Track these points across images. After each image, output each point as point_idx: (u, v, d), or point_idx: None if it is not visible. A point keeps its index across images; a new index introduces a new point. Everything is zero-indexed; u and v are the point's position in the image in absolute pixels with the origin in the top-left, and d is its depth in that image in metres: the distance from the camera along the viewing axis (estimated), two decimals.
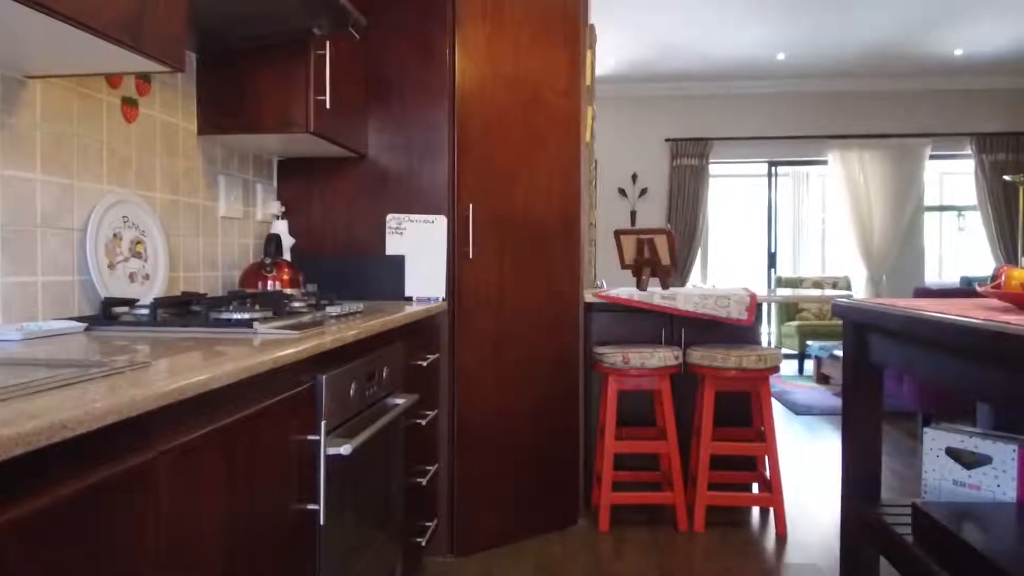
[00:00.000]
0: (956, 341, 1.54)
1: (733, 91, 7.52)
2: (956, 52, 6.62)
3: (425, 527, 2.42)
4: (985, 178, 7.29)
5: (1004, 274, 1.77)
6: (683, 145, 7.49)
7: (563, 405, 2.97)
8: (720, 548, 2.81)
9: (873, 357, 2.11)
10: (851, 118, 7.45)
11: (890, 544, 1.95)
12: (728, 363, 2.94)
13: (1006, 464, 1.92)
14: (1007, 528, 1.72)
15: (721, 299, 3.12)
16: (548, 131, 2.91)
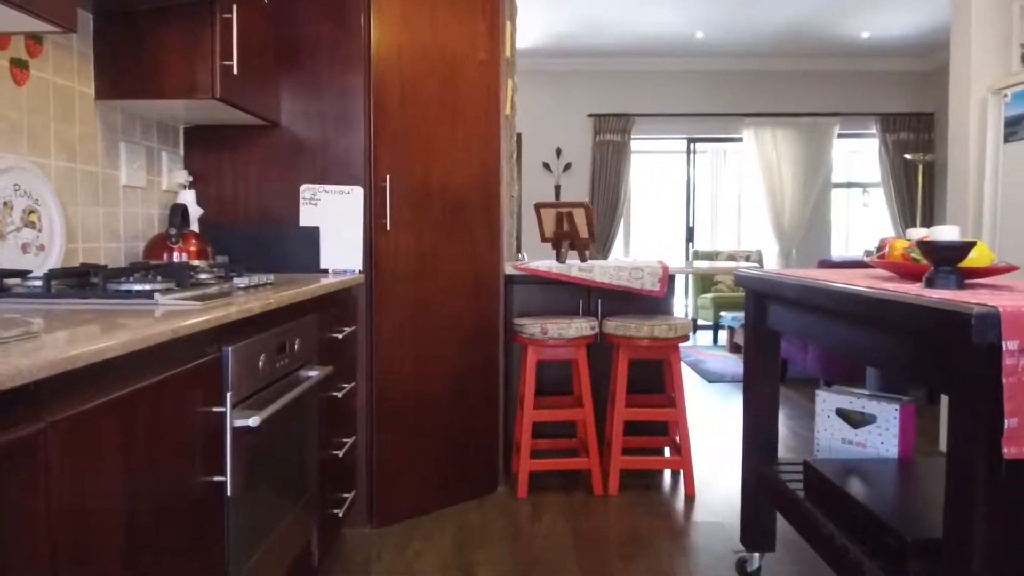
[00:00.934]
0: (841, 308, 1.65)
1: (654, 68, 7.65)
2: (863, 35, 6.91)
3: (343, 499, 2.42)
4: (888, 156, 7.68)
5: (888, 246, 1.90)
6: (605, 121, 7.58)
7: (483, 375, 3.01)
8: (632, 509, 2.92)
9: (771, 324, 2.22)
10: (765, 97, 7.70)
11: (784, 500, 2.08)
12: (641, 332, 3.04)
13: (889, 423, 2.07)
14: (887, 481, 1.86)
15: (635, 271, 3.21)
16: (467, 102, 2.91)
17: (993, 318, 1.16)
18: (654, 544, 2.60)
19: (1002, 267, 1.56)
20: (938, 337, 1.31)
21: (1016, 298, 1.30)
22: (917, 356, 1.41)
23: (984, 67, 3.50)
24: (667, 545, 2.59)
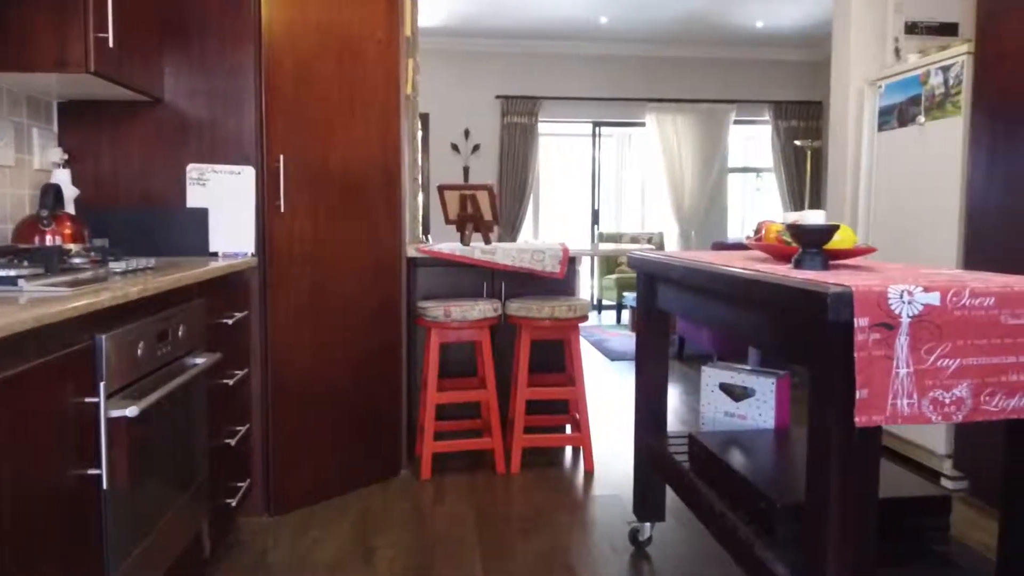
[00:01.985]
0: (719, 288, 1.73)
1: (560, 51, 7.72)
2: (758, 24, 7.20)
3: (236, 488, 2.37)
4: (780, 142, 8.07)
5: (764, 229, 2.00)
6: (514, 103, 7.61)
7: (385, 359, 2.99)
8: (534, 486, 2.99)
9: (661, 305, 2.31)
10: (667, 83, 7.92)
11: (672, 472, 2.18)
12: (542, 314, 3.09)
13: (766, 396, 2.20)
14: (762, 451, 1.98)
15: (537, 253, 3.25)
16: (366, 82, 2.85)
17: (847, 297, 1.25)
18: (553, 519, 2.67)
19: (863, 249, 1.68)
20: (800, 315, 1.40)
21: (871, 278, 1.40)
22: (783, 333, 1.51)
23: (862, 59, 3.72)
24: (566, 520, 2.67)
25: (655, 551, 2.43)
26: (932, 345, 1.28)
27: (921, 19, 3.73)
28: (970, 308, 1.28)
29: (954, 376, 1.29)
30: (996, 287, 1.30)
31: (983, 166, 2.76)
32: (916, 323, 1.27)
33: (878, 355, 1.26)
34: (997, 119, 2.70)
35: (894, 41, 3.71)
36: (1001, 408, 1.31)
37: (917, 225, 3.20)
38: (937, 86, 3.09)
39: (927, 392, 1.28)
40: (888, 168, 3.42)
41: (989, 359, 1.29)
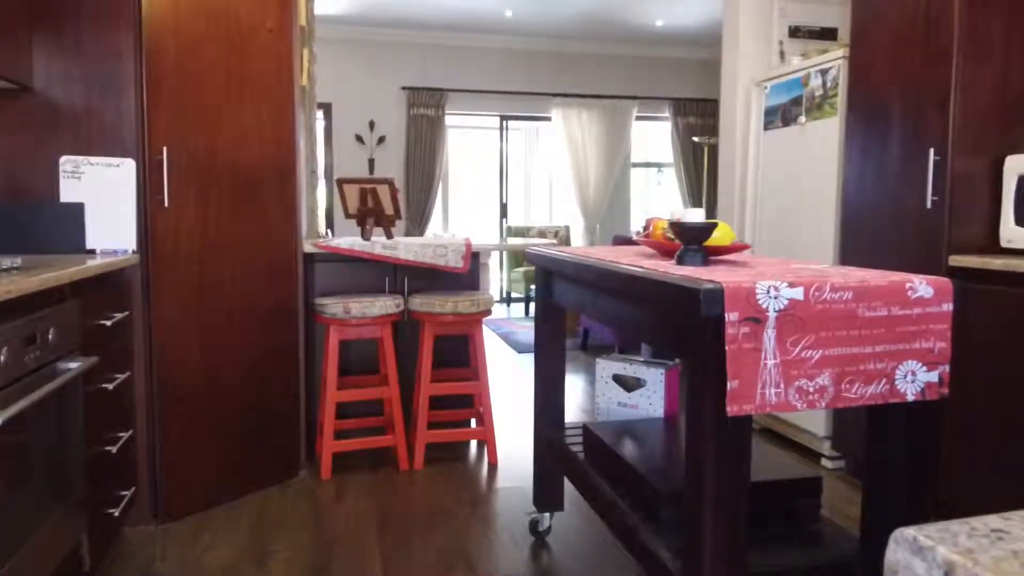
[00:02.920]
0: (606, 283, 1.78)
1: (466, 44, 7.71)
2: (657, 23, 7.40)
3: (120, 496, 2.26)
4: (679, 139, 8.34)
5: (652, 225, 2.07)
6: (420, 94, 7.54)
7: (281, 358, 2.91)
8: (437, 482, 2.99)
9: (557, 299, 2.35)
10: (572, 78, 8.04)
11: (568, 463, 2.23)
12: (445, 309, 3.09)
13: (657, 386, 2.28)
14: (651, 439, 2.05)
15: (439, 248, 3.25)
16: (257, 72, 2.76)
17: (718, 293, 1.32)
18: (456, 514, 2.68)
19: (739, 245, 1.77)
20: (677, 310, 1.46)
21: (743, 274, 1.47)
22: (664, 326, 1.57)
23: (749, 61, 3.89)
24: (468, 513, 2.69)
25: (554, 540, 2.48)
26: (797, 337, 1.36)
27: (804, 23, 3.93)
28: (830, 302, 1.37)
29: (817, 366, 1.37)
30: (854, 282, 1.39)
31: (856, 164, 2.95)
32: (782, 317, 1.35)
33: (747, 347, 1.33)
34: (867, 120, 2.89)
35: (779, 44, 3.90)
36: (859, 395, 1.40)
37: (801, 220, 3.39)
38: (817, 88, 3.28)
39: (793, 381, 1.36)
40: (774, 165, 3.60)
41: (848, 349, 1.39)
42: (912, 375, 1.41)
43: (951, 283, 1.41)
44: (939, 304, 1.41)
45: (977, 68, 2.49)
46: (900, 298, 1.39)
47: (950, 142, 2.50)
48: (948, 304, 1.41)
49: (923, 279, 1.42)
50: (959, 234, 2.52)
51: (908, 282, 1.40)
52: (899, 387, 1.41)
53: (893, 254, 2.74)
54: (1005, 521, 0.38)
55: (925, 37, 2.60)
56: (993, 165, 2.53)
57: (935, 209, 2.55)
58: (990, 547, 0.35)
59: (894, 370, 1.40)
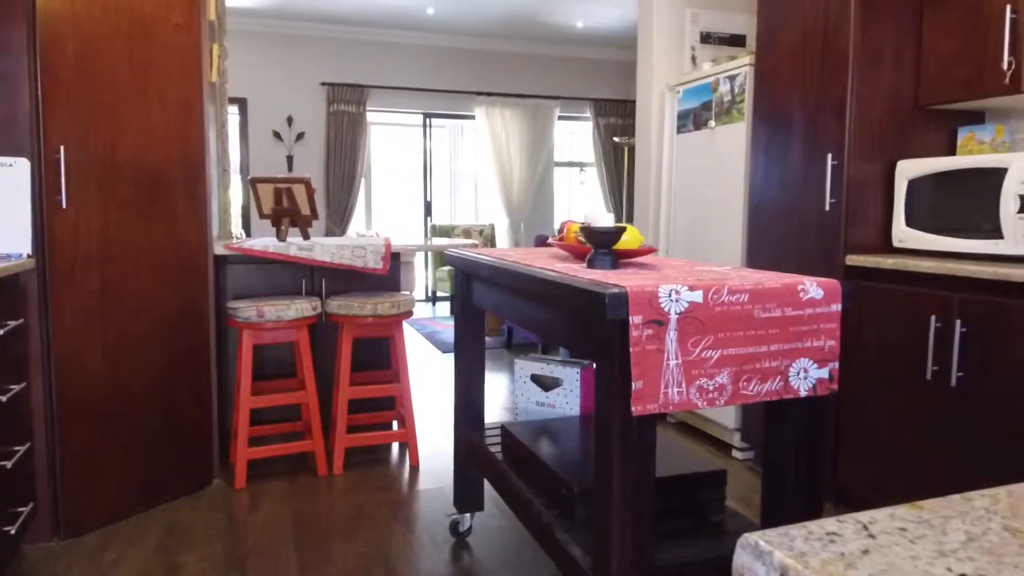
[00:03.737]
0: (520, 286, 1.81)
1: (388, 40, 7.62)
2: (578, 24, 7.51)
3: (17, 513, 2.14)
4: (600, 139, 8.48)
5: (566, 228, 2.11)
6: (340, 90, 7.41)
7: (192, 364, 2.82)
8: (357, 486, 2.96)
9: (475, 300, 2.37)
10: (495, 77, 8.06)
11: (487, 463, 2.25)
12: (364, 311, 3.06)
13: (573, 385, 2.33)
14: (566, 438, 2.09)
15: (358, 249, 3.21)
16: (163, 68, 2.66)
17: (623, 297, 1.36)
18: (376, 518, 2.66)
19: (646, 249, 1.82)
20: (585, 313, 1.50)
21: (648, 278, 1.52)
22: (574, 328, 1.60)
23: (664, 65, 4.00)
24: (389, 517, 2.67)
25: (475, 540, 2.49)
26: (697, 338, 1.41)
27: (715, 30, 4.07)
28: (728, 304, 1.43)
29: (716, 365, 1.43)
30: (750, 284, 1.46)
31: (761, 168, 3.08)
32: (683, 319, 1.40)
33: (651, 349, 1.38)
34: (771, 125, 3.02)
35: (691, 50, 4.03)
36: (756, 392, 1.47)
37: (713, 221, 3.51)
38: (725, 93, 3.40)
39: (694, 381, 1.42)
40: (687, 168, 3.72)
41: (745, 349, 1.45)
42: (805, 372, 1.49)
43: (839, 284, 1.50)
44: (829, 304, 1.49)
45: (871, 77, 2.64)
46: (793, 299, 1.47)
47: (846, 147, 2.64)
48: (837, 304, 1.50)
49: (814, 281, 1.50)
50: (855, 234, 2.67)
51: (800, 284, 1.48)
52: (793, 384, 1.48)
53: (796, 254, 2.88)
54: (839, 524, 0.41)
55: (823, 47, 2.73)
56: (886, 169, 2.69)
57: (833, 211, 2.69)
58: (822, 550, 0.38)
59: (788, 368, 1.48)
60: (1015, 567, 0.36)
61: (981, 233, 2.32)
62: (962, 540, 0.39)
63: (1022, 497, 0.45)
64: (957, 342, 2.21)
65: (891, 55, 2.66)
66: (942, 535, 0.40)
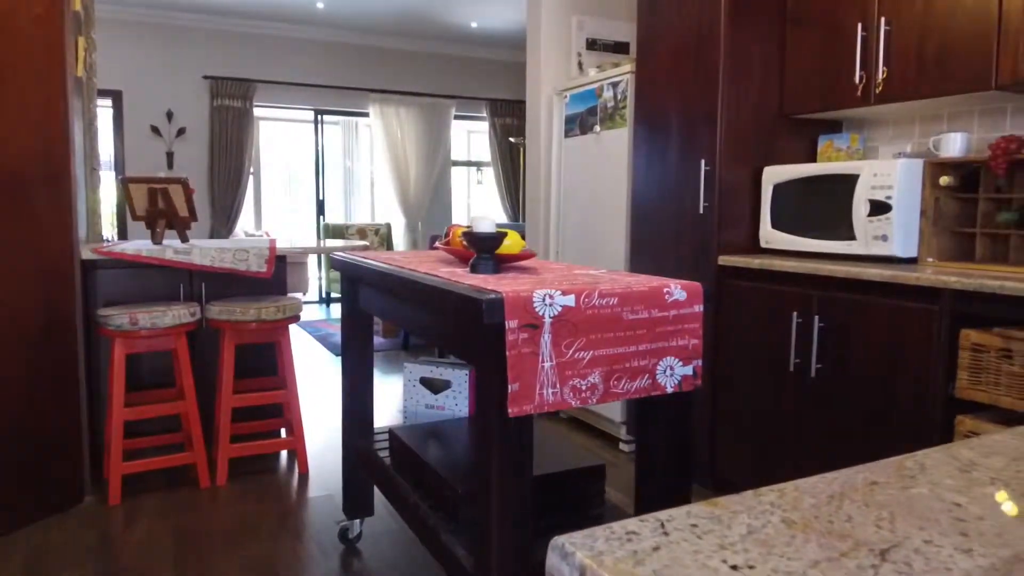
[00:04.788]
0: (404, 291, 1.81)
1: (276, 33, 7.39)
2: (472, 24, 7.54)
3: None
4: (496, 139, 8.56)
5: (451, 232, 2.13)
6: (224, 85, 7.12)
7: (58, 377, 2.65)
8: (243, 497, 2.87)
9: (362, 305, 2.35)
10: (390, 74, 7.98)
11: (375, 468, 2.24)
12: (248, 316, 2.96)
13: (461, 386, 2.35)
14: (454, 441, 2.11)
15: (240, 252, 3.11)
16: (19, 62, 2.48)
17: (499, 302, 1.39)
18: (263, 528, 2.59)
19: (527, 253, 1.87)
20: (464, 317, 1.52)
21: (526, 283, 1.56)
22: (454, 332, 1.62)
23: (552, 69, 4.09)
24: (276, 527, 2.61)
25: (365, 546, 2.48)
26: (570, 340, 1.47)
27: (600, 37, 4.20)
28: (599, 307, 1.49)
29: (588, 366, 1.49)
30: (620, 288, 1.53)
31: (641, 172, 3.21)
32: (556, 322, 1.45)
33: (527, 352, 1.42)
34: (651, 132, 3.15)
35: (578, 55, 4.14)
36: (626, 390, 1.54)
37: (599, 223, 3.62)
38: (609, 99, 3.51)
39: (567, 381, 1.47)
40: (575, 172, 3.82)
41: (615, 349, 1.52)
42: (671, 370, 1.57)
43: (701, 287, 1.59)
44: (692, 306, 1.58)
45: (739, 88, 2.80)
46: (659, 301, 1.55)
47: (718, 154, 2.79)
48: (699, 305, 1.59)
49: (678, 284, 1.58)
50: (727, 236, 2.83)
51: (665, 287, 1.56)
52: (660, 381, 1.56)
53: (675, 255, 3.02)
54: (640, 523, 0.45)
55: (696, 59, 2.88)
56: (754, 175, 2.86)
57: (707, 214, 2.84)
58: (618, 549, 0.42)
59: (655, 366, 1.56)
60: (780, 556, 0.41)
61: (837, 234, 2.52)
62: (743, 533, 0.43)
63: (807, 491, 0.50)
64: (816, 336, 2.39)
65: (758, 68, 2.84)
66: (727, 529, 0.44)
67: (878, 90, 2.50)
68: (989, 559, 0.40)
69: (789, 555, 0.40)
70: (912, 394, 2.12)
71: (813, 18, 2.74)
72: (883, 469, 0.53)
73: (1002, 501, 0.47)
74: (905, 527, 0.43)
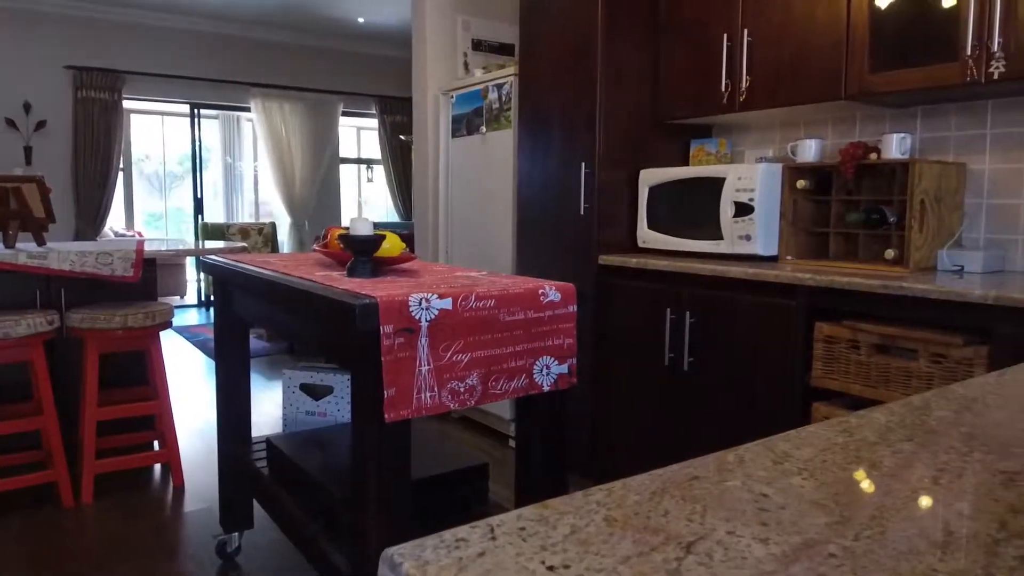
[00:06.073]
0: (276, 295, 1.76)
1: (148, 23, 6.98)
2: (359, 20, 7.40)
3: None
4: (387, 136, 8.45)
5: (329, 233, 2.09)
6: (90, 75, 6.66)
7: None
8: (112, 515, 2.70)
9: (236, 310, 2.26)
10: (273, 68, 7.71)
11: (253, 479, 2.16)
12: (113, 324, 2.79)
13: (343, 391, 2.31)
14: (335, 447, 2.07)
15: (103, 256, 2.92)
16: None
17: (373, 308, 1.38)
18: (134, 547, 2.45)
19: (406, 256, 1.86)
20: (339, 323, 1.50)
21: (403, 287, 1.56)
22: (330, 338, 1.60)
23: (439, 68, 4.08)
24: (149, 544, 2.47)
25: (245, 560, 2.39)
26: (448, 343, 1.47)
27: (485, 38, 4.22)
28: (476, 310, 1.51)
29: (467, 368, 1.51)
30: (497, 290, 1.55)
31: (526, 174, 3.26)
32: (433, 326, 1.45)
33: (403, 357, 1.42)
34: (534, 134, 3.20)
35: (464, 56, 4.15)
36: (504, 391, 1.57)
37: (488, 224, 3.65)
38: (494, 101, 3.55)
39: (446, 384, 1.48)
40: (463, 172, 3.83)
41: (493, 351, 1.54)
42: (547, 369, 1.61)
43: (574, 287, 1.64)
44: (566, 306, 1.63)
45: (617, 93, 2.89)
46: (535, 303, 1.58)
47: (597, 157, 2.87)
48: (573, 306, 1.64)
49: (553, 285, 1.62)
50: (607, 236, 2.92)
51: (540, 288, 1.59)
52: (537, 380, 1.60)
53: (560, 255, 3.09)
54: (471, 530, 0.46)
55: (576, 64, 2.95)
56: (631, 177, 2.97)
57: (587, 215, 2.92)
58: (444, 557, 0.43)
59: (532, 366, 1.59)
60: (596, 554, 0.43)
61: (707, 234, 2.65)
62: (566, 533, 0.46)
63: (633, 488, 0.53)
64: (687, 331, 2.51)
65: (634, 74, 2.94)
66: (552, 531, 0.46)
67: (742, 98, 2.65)
68: (782, 547, 0.43)
69: (604, 552, 0.43)
70: (775, 384, 2.27)
71: (683, 28, 2.87)
72: (705, 464, 0.57)
73: (803, 490, 0.52)
74: (713, 520, 0.47)
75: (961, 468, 0.56)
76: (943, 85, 2.12)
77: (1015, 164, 2.30)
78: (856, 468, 0.56)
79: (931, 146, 2.50)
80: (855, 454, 0.59)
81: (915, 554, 0.42)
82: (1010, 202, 2.32)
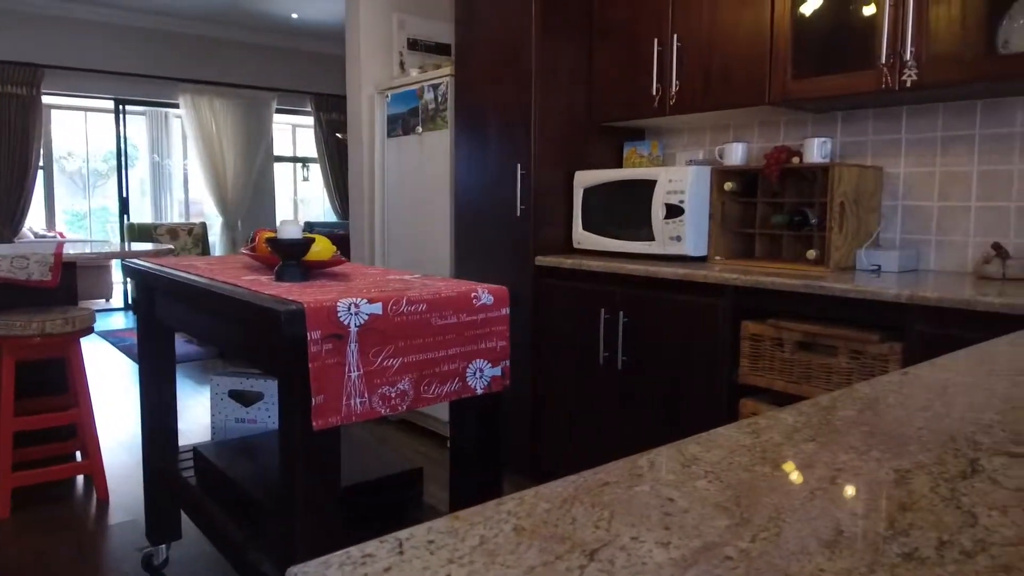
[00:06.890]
0: (200, 300, 1.71)
1: (68, 15, 6.68)
2: (293, 16, 7.24)
3: None
4: (323, 134, 8.30)
5: (258, 236, 2.04)
6: (5, 69, 6.33)
7: None
8: (31, 529, 2.58)
9: (160, 315, 2.19)
10: (203, 64, 7.48)
11: (180, 490, 2.10)
12: (30, 330, 2.66)
13: (274, 397, 2.26)
14: (264, 454, 2.03)
15: (19, 259, 2.78)
16: None
17: (299, 314, 1.35)
18: (55, 563, 2.34)
19: (337, 260, 1.84)
20: (264, 329, 1.47)
21: (332, 291, 1.53)
22: (255, 345, 1.56)
23: (373, 67, 4.03)
24: (71, 559, 2.37)
25: (173, 572, 2.31)
26: (378, 348, 1.46)
27: (421, 37, 4.19)
28: (408, 314, 1.50)
29: (398, 373, 1.50)
30: (428, 294, 1.54)
31: (463, 175, 3.25)
32: (363, 331, 1.43)
33: (331, 363, 1.40)
34: (471, 135, 3.20)
35: (399, 55, 4.11)
36: (437, 395, 1.56)
37: (425, 226, 3.62)
38: (430, 101, 3.53)
39: (376, 390, 1.47)
40: (399, 171, 3.79)
41: (425, 355, 1.53)
42: (480, 372, 1.61)
43: (507, 290, 1.64)
44: (499, 309, 1.63)
45: (551, 95, 2.92)
46: (467, 306, 1.58)
47: (532, 158, 2.89)
48: (506, 309, 1.64)
49: (485, 288, 1.63)
50: (543, 237, 2.94)
51: (473, 291, 1.59)
52: (470, 383, 1.60)
53: (498, 256, 3.09)
54: (379, 544, 0.46)
55: (511, 65, 2.96)
56: (566, 178, 3.00)
57: (524, 216, 2.94)
58: (350, 574, 0.42)
59: (465, 369, 1.59)
60: (501, 564, 0.43)
61: (640, 235, 2.70)
62: (474, 545, 0.46)
63: (545, 496, 0.54)
64: (621, 331, 2.55)
65: (569, 77, 2.97)
66: (461, 542, 0.46)
67: (672, 102, 2.71)
68: (682, 551, 0.45)
69: (509, 563, 0.43)
70: (704, 381, 2.32)
71: (616, 32, 2.91)
72: (617, 469, 0.58)
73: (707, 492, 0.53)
74: (619, 526, 0.48)
75: (858, 467, 0.59)
76: (860, 92, 2.22)
77: (928, 168, 2.42)
78: (760, 469, 0.58)
79: (850, 150, 2.61)
80: (760, 455, 0.61)
81: (806, 554, 0.44)
82: (923, 204, 2.44)
